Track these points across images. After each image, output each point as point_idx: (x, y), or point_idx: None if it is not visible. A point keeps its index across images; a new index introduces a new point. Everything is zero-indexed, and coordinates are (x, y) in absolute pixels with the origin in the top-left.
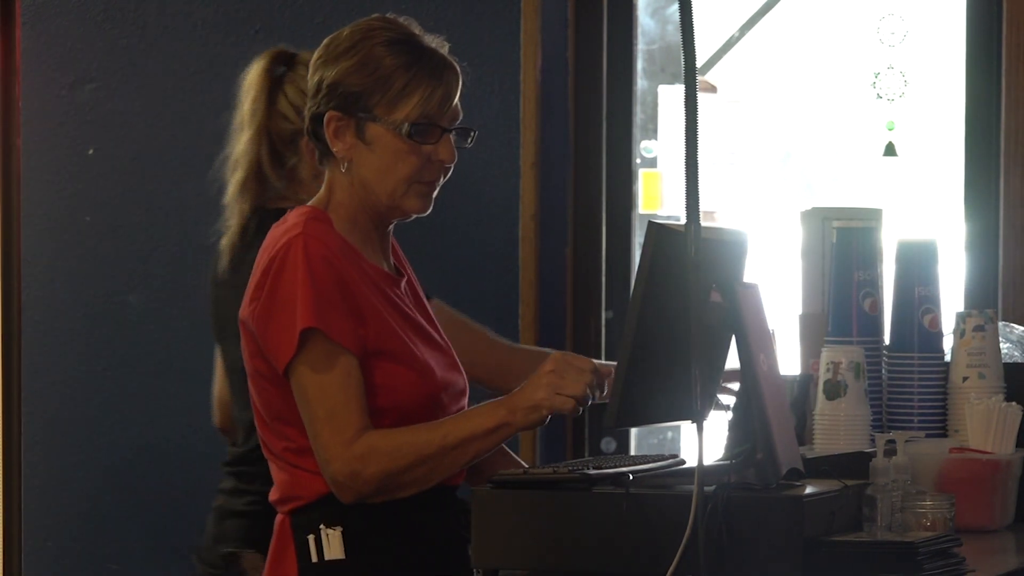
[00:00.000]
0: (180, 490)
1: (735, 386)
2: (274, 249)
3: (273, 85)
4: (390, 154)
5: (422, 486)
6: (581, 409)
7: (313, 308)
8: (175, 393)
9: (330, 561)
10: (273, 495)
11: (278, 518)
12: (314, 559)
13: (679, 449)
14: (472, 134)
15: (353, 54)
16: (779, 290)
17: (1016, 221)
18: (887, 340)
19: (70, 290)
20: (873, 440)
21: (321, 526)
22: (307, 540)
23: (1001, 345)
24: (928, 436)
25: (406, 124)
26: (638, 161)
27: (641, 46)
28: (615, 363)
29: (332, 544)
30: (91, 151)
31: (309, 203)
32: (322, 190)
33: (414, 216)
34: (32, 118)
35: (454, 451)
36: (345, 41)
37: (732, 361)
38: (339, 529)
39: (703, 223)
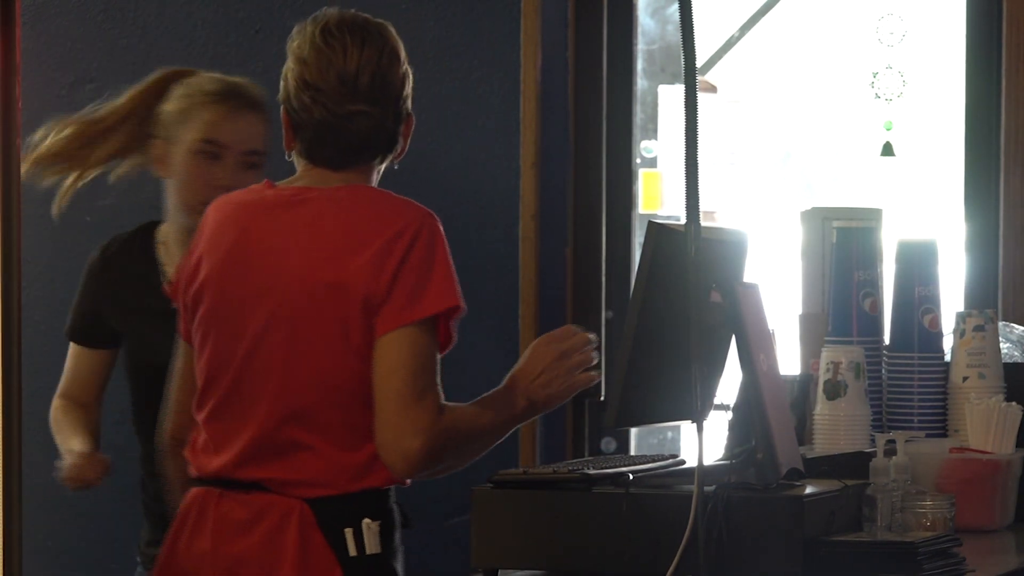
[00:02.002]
0: None
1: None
2: (402, 220)
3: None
4: None
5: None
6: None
7: (459, 290)
8: None
9: (371, 556)
10: (284, 474)
11: (281, 503)
12: (353, 553)
13: (679, 449)
14: None
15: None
16: (779, 290)
17: (1016, 221)
18: (887, 340)
19: (70, 290)
20: (873, 440)
21: (366, 520)
22: (343, 533)
23: (1001, 345)
24: (928, 436)
25: None
26: (638, 161)
27: (641, 46)
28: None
29: (371, 538)
30: None
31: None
32: (375, 172)
33: None
34: (32, 118)
35: (490, 437)
36: (399, 47)
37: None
38: (378, 523)
39: (703, 223)
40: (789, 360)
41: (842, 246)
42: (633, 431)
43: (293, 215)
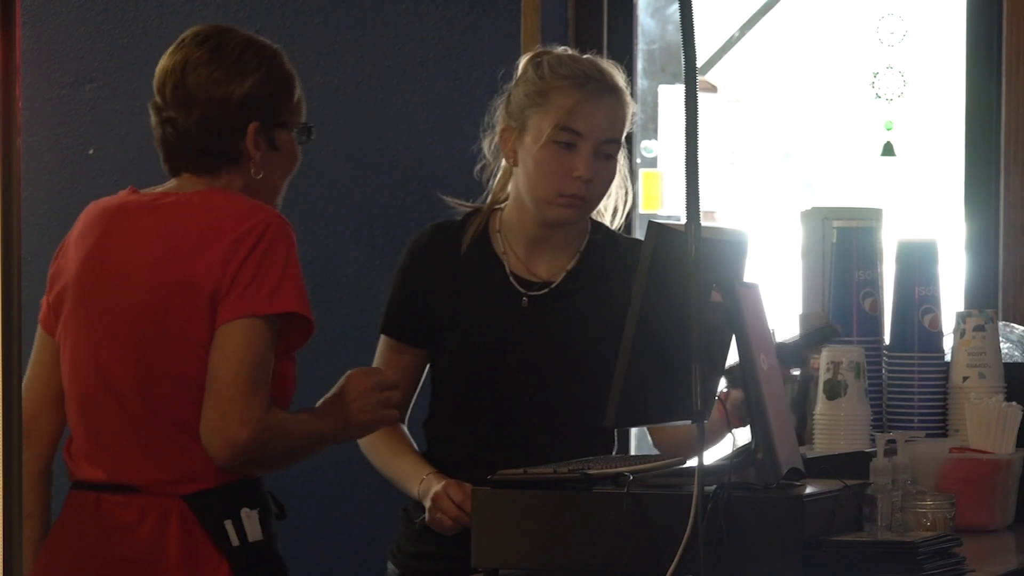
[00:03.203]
0: None
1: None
2: (251, 219)
3: None
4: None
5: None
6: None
7: (306, 300)
8: None
9: (253, 543)
10: (158, 475)
11: (159, 503)
12: (235, 543)
13: None
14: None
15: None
16: (779, 290)
17: (1016, 221)
18: (887, 340)
19: None
20: (873, 440)
21: (244, 509)
22: (223, 524)
23: (1001, 345)
24: (928, 436)
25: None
26: (638, 161)
27: (641, 46)
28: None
29: (251, 526)
30: (91, 151)
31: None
32: (233, 182)
33: None
34: (32, 118)
35: (314, 446)
36: (218, 55)
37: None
38: (256, 511)
39: (703, 223)
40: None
41: (842, 246)
42: (633, 431)
43: (148, 220)
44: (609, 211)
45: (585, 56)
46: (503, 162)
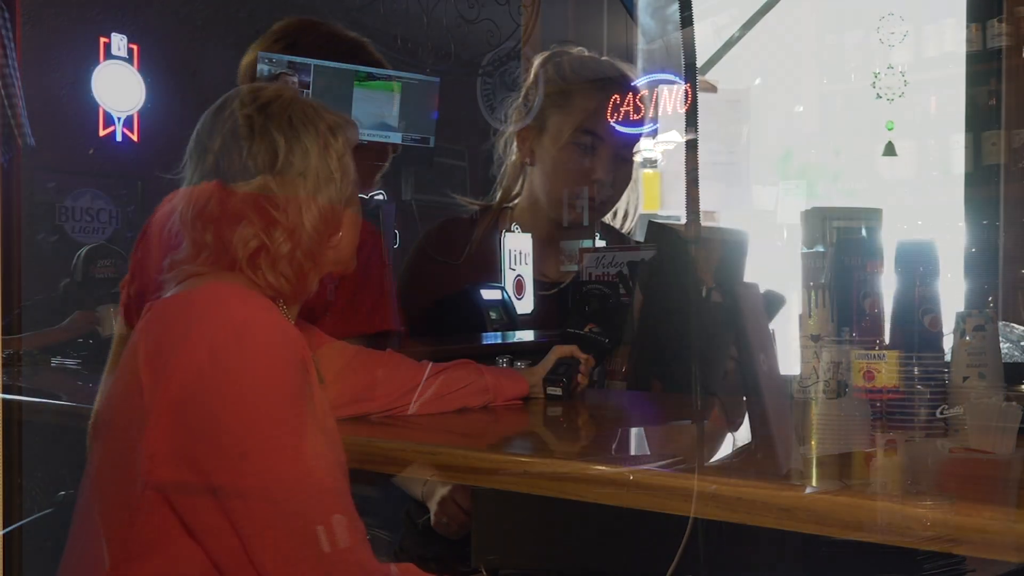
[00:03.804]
0: None
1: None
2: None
3: None
4: None
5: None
6: None
7: (397, 311)
8: None
9: (343, 549)
10: (248, 481)
11: None
12: (327, 549)
13: None
14: None
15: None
16: (779, 290)
17: (1016, 221)
18: (887, 340)
19: (69, 291)
20: (873, 440)
21: (336, 516)
22: (316, 531)
23: (1001, 345)
24: (928, 436)
25: None
26: (639, 161)
27: (641, 46)
28: None
29: (341, 532)
30: (91, 151)
31: None
32: None
33: None
34: (32, 118)
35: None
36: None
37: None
38: (345, 517)
39: (703, 223)
40: (789, 360)
41: (842, 246)
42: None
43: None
44: (620, 215)
45: (604, 58)
46: (513, 160)
